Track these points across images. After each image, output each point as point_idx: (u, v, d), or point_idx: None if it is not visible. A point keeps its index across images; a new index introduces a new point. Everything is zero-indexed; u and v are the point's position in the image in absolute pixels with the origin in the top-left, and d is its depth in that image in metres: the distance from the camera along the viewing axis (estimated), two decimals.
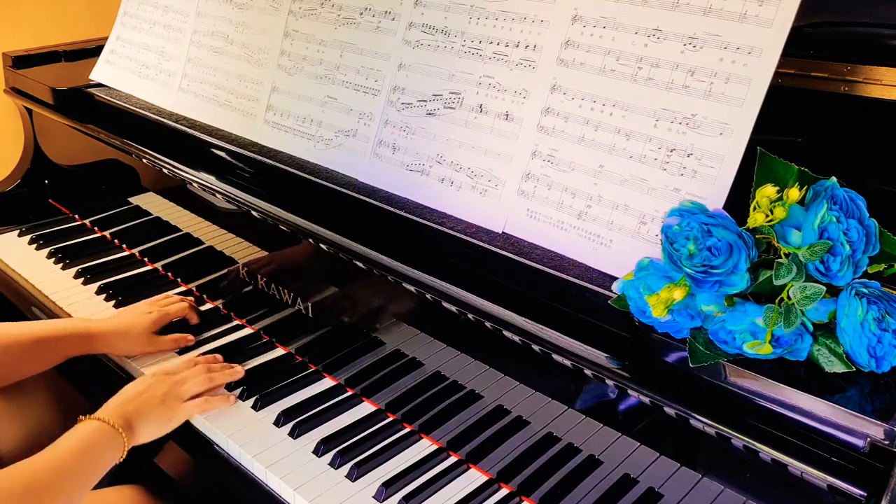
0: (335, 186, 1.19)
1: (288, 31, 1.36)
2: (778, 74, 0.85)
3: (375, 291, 1.19)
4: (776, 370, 0.77)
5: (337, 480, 1.08)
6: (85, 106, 1.67)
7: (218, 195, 1.35)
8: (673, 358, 0.84)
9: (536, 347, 0.96)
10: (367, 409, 1.21)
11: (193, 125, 1.47)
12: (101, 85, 1.70)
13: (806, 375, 0.77)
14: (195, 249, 1.53)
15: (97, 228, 1.78)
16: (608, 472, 0.97)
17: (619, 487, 0.96)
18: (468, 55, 1.11)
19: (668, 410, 0.86)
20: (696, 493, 0.89)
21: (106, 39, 1.74)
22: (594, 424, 0.97)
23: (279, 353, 1.35)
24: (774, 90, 0.85)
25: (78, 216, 1.83)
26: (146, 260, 1.65)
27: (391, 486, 1.06)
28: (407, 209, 1.11)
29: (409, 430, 1.16)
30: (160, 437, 1.14)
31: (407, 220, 1.10)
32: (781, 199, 0.77)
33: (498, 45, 1.08)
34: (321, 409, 1.20)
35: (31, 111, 1.84)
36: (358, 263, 1.14)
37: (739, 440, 0.80)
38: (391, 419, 1.18)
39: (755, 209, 0.77)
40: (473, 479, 1.08)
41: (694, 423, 0.84)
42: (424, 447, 1.14)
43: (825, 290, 0.73)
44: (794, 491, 0.78)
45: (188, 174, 1.40)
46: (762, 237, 0.78)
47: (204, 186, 1.38)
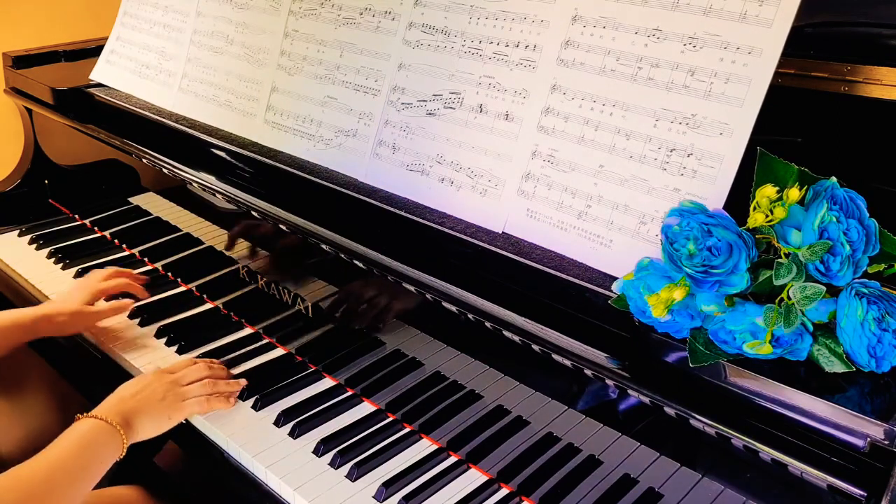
0: (335, 186, 1.19)
1: (288, 31, 1.36)
2: (778, 74, 0.85)
3: (375, 291, 1.19)
4: (776, 370, 0.77)
5: (337, 480, 1.08)
6: (85, 106, 1.67)
7: (218, 195, 1.35)
8: (673, 358, 0.84)
9: (536, 347, 0.96)
10: (367, 409, 1.21)
11: (193, 125, 1.47)
12: (101, 85, 1.70)
13: (806, 375, 0.77)
14: (195, 249, 1.53)
15: (97, 228, 1.78)
16: (608, 472, 0.97)
17: (619, 487, 0.96)
18: (468, 55, 1.11)
19: (668, 410, 0.86)
20: (696, 493, 0.89)
21: (106, 39, 1.74)
22: (594, 424, 0.97)
23: (279, 353, 1.35)
24: (774, 90, 0.85)
25: (78, 216, 1.83)
26: (146, 260, 1.65)
27: (391, 485, 1.06)
28: (407, 209, 1.11)
29: (409, 430, 1.16)
30: (159, 434, 1.14)
31: (407, 219, 1.10)
32: (781, 199, 0.77)
33: (498, 45, 1.08)
34: (321, 409, 1.20)
35: (31, 111, 1.84)
36: (358, 263, 1.14)
37: (739, 440, 0.80)
38: (391, 419, 1.18)
39: (755, 209, 0.77)
40: (473, 479, 1.08)
41: (694, 423, 0.84)
42: (424, 447, 1.14)
43: (825, 290, 0.73)
44: (793, 491, 0.78)
45: (188, 174, 1.40)
46: (762, 237, 0.78)
47: (204, 186, 1.38)
